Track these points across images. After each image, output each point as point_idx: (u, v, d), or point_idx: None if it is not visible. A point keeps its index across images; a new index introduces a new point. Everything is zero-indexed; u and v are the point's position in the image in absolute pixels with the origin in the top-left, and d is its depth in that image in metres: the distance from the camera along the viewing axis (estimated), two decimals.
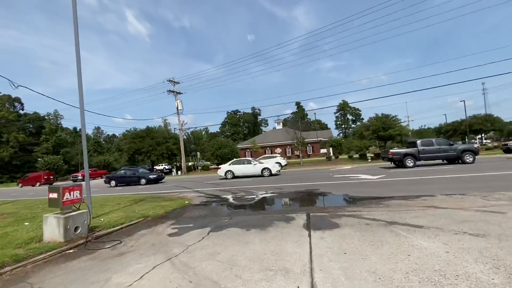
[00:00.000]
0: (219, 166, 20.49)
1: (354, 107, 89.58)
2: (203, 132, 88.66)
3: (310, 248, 3.63)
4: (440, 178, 10.10)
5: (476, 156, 15.36)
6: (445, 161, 16.65)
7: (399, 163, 16.30)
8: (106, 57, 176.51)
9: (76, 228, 5.23)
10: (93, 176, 34.79)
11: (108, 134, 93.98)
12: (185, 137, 46.02)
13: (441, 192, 7.15)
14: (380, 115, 32.44)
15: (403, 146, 37.02)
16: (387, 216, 5.02)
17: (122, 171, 22.18)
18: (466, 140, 40.22)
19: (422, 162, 16.31)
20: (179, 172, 35.64)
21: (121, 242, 4.85)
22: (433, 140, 16.36)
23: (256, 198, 9.16)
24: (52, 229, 5.07)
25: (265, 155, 31.97)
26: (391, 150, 16.44)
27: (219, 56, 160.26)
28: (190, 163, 42.78)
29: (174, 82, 35.75)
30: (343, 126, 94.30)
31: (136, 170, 21.84)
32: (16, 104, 58.28)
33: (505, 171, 10.70)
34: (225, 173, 19.05)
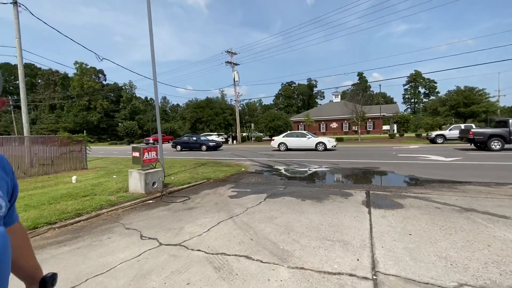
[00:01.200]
0: (273, 138, 20.75)
1: (428, 79, 77.64)
2: (257, 104, 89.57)
3: (370, 224, 3.54)
4: None
5: None
6: None
7: (481, 145, 13.91)
8: (169, 30, 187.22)
9: (153, 183, 6.12)
10: (163, 141, 39.25)
11: (173, 104, 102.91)
12: (240, 108, 47.41)
13: None
14: (462, 88, 27.50)
15: (487, 126, 31.18)
16: (462, 201, 4.48)
17: (186, 137, 24.44)
18: None
19: None
20: (234, 141, 37.50)
21: (189, 198, 5.52)
22: None
23: (310, 171, 9.13)
24: (135, 182, 6.04)
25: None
26: (473, 130, 14.02)
27: (276, 23, 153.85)
28: (244, 134, 44.42)
29: (232, 53, 36.19)
30: (412, 100, 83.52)
31: (198, 137, 23.77)
32: (100, 75, 67.75)
33: None
34: (279, 145, 19.24)
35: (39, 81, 68.48)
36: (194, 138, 23.31)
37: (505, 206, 4.14)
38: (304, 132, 19.95)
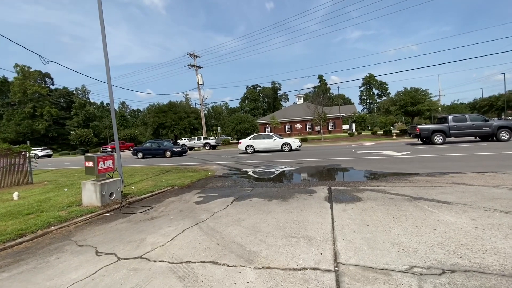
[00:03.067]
0: (240, 141, 20.76)
1: (380, 81, 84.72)
2: (223, 107, 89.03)
3: (332, 219, 3.70)
4: (470, 156, 9.57)
5: None
6: (477, 138, 15.64)
7: (426, 139, 15.55)
8: (127, 32, 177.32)
9: (111, 194, 5.69)
10: (121, 149, 36.85)
11: (133, 109, 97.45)
12: (205, 112, 46.61)
13: (472, 169, 6.81)
14: (409, 89, 30.43)
15: (431, 122, 35.04)
16: (412, 191, 4.93)
17: (148, 144, 23.24)
18: (503, 116, 37.02)
19: (453, 139, 15.41)
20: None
21: (152, 208, 5.23)
22: (466, 115, 15.27)
23: (277, 171, 9.30)
24: (89, 194, 5.56)
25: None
26: (418, 126, 15.61)
27: (239, 28, 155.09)
28: (211, 138, 43.75)
29: (195, 56, 35.52)
30: (368, 101, 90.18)
31: (161, 143, 22.76)
32: (46, 79, 61.40)
33: None
34: (246, 147, 19.31)
35: None
36: (157, 144, 22.28)
37: (447, 193, 4.64)
38: (270, 134, 20.32)
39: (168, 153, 20.95)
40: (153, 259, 2.83)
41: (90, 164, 5.60)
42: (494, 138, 14.39)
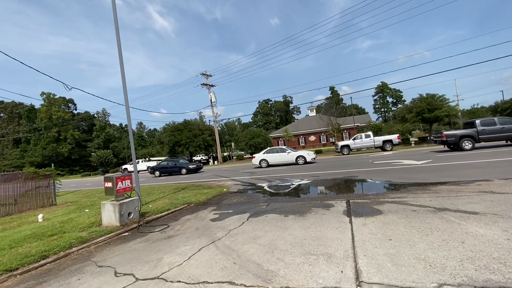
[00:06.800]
0: (253, 155, 20.78)
1: (394, 89, 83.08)
2: (236, 123, 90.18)
3: (352, 234, 3.56)
4: (496, 162, 9.02)
5: None
6: (509, 143, 14.78)
7: (454, 146, 14.83)
8: (144, 55, 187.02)
9: (129, 214, 5.79)
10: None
11: (150, 129, 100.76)
12: (219, 128, 47.37)
13: (499, 176, 6.41)
14: (424, 95, 29.65)
15: (451, 128, 33.63)
16: (435, 202, 4.68)
17: (164, 162, 23.74)
18: None
19: (482, 144, 14.62)
20: (215, 162, 37.06)
21: (168, 226, 5.27)
22: (495, 119, 14.44)
23: (292, 185, 9.16)
24: (109, 214, 5.69)
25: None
26: (444, 132, 14.97)
27: (250, 45, 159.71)
28: (225, 153, 44.18)
29: (207, 75, 36.69)
30: (382, 109, 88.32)
31: (177, 161, 23.19)
32: (70, 105, 65.18)
33: None
34: (260, 161, 19.27)
35: (1, 114, 64.38)
36: (173, 162, 22.71)
37: (474, 203, 4.37)
38: (284, 147, 20.22)
39: (184, 170, 21.26)
40: (170, 280, 2.82)
41: (109, 184, 5.77)
42: None
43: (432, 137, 17.50)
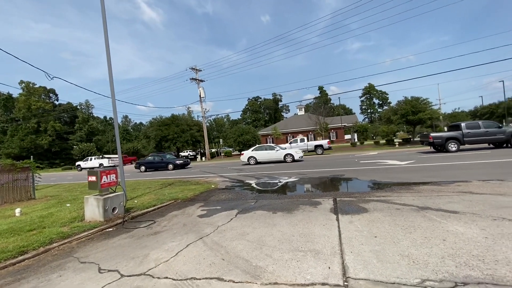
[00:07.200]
0: (242, 152, 20.74)
1: (381, 91, 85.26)
2: (225, 119, 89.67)
3: (339, 231, 3.62)
4: (476, 164, 9.46)
5: None
6: (491, 145, 15.51)
7: (440, 147, 15.41)
8: (132, 47, 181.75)
9: (113, 209, 5.64)
10: (124, 162, 36.98)
11: (136, 122, 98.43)
12: (207, 124, 46.93)
13: (478, 177, 6.72)
14: (409, 98, 30.57)
15: (433, 130, 34.92)
16: (418, 201, 4.84)
17: (150, 157, 23.30)
18: (504, 123, 36.94)
19: (466, 146, 15.25)
20: (203, 158, 36.73)
21: (155, 222, 5.17)
22: (480, 122, 15.10)
23: (280, 183, 9.22)
24: (92, 209, 5.51)
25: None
26: (431, 134, 15.51)
27: (241, 41, 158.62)
28: (213, 150, 43.84)
29: (197, 70, 36.14)
30: (369, 110, 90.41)
31: (164, 156, 22.79)
32: (51, 95, 62.37)
33: None
34: (248, 159, 19.27)
35: None
36: (159, 157, 22.31)
37: (454, 202, 4.56)
38: (273, 145, 20.31)
39: (171, 166, 20.94)
40: (157, 276, 2.77)
41: (93, 178, 5.59)
42: (509, 145, 14.23)
43: (419, 139, 18.19)
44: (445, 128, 35.08)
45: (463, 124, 15.01)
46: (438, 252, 2.72)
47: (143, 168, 22.10)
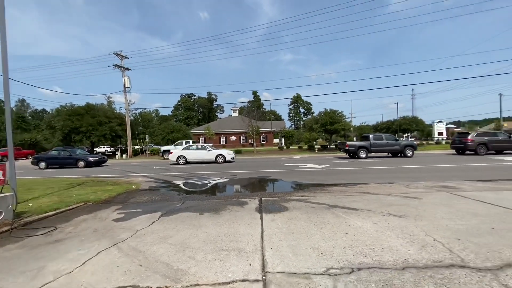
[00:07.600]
0: (171, 151, 19.63)
1: (306, 101, 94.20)
2: (154, 114, 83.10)
3: (262, 229, 3.84)
4: (376, 169, 11.51)
5: (414, 151, 17.92)
6: (389, 154, 19.00)
7: (353, 154, 18.07)
8: (38, 17, 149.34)
9: None
10: (16, 157, 29.89)
11: (36, 109, 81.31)
12: (132, 117, 42.53)
13: (375, 180, 8.18)
14: (328, 110, 34.81)
15: (345, 139, 40.81)
16: (329, 200, 5.57)
17: (54, 151, 19.60)
18: (408, 136, 46.28)
19: (372, 154, 18.35)
20: (124, 155, 33.04)
21: (56, 228, 4.38)
22: (383, 135, 18.63)
23: (209, 184, 9.13)
24: None
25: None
26: (348, 142, 18.21)
27: (177, 34, 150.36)
28: (137, 147, 39.94)
29: (122, 56, 32.36)
30: (295, 118, 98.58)
31: (73, 151, 19.51)
32: None
33: (429, 165, 12.72)
34: (177, 158, 18.38)
35: None
36: (67, 152, 19.00)
37: (356, 201, 5.42)
38: (205, 144, 19.94)
39: (82, 163, 18.07)
40: None
41: None
42: (402, 154, 17.76)
43: (338, 146, 21.25)
44: (354, 138, 41.48)
45: (371, 136, 18.27)
46: (341, 243, 3.19)
47: (43, 164, 18.37)
